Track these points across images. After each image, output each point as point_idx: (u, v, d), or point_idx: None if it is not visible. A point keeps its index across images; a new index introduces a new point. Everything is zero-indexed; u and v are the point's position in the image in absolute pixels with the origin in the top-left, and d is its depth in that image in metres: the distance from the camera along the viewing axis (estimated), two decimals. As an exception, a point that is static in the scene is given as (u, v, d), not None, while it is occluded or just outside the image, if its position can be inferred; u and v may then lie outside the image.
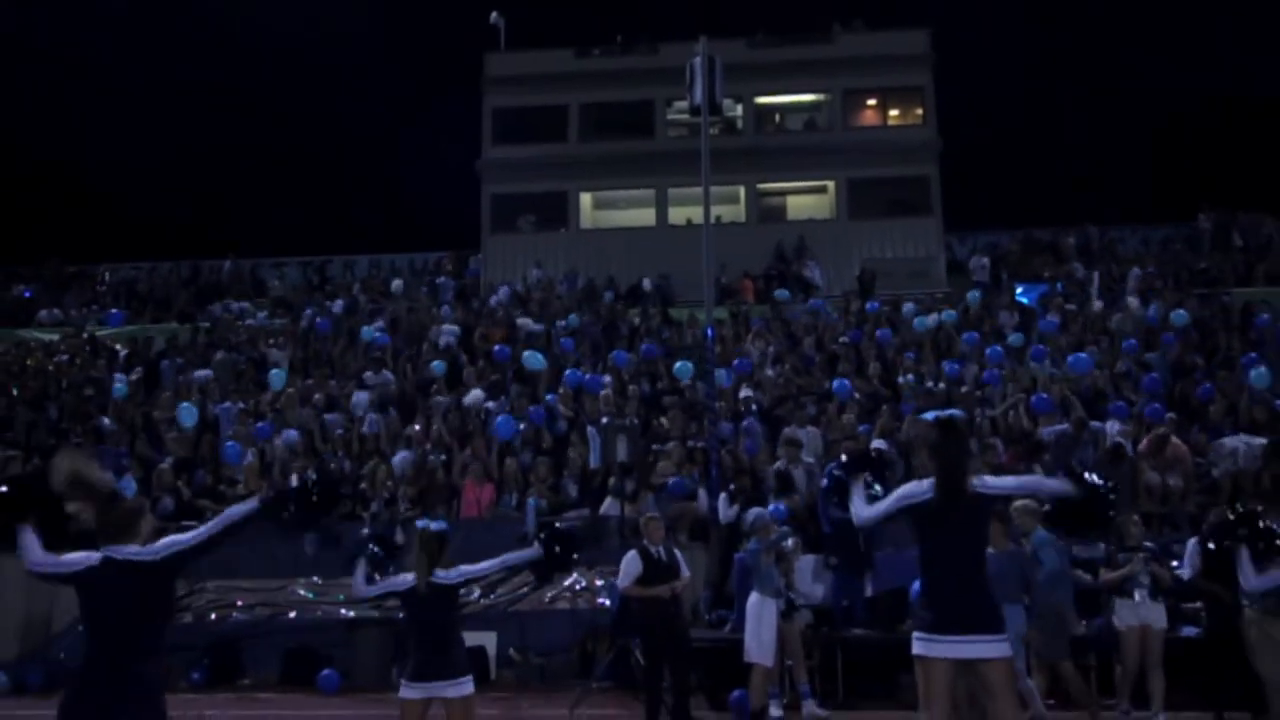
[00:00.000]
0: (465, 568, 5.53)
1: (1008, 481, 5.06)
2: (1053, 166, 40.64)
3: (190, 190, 46.37)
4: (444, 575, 5.37)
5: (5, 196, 41.76)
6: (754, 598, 8.37)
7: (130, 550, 4.06)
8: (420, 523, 5.58)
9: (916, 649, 4.53)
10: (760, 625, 8.25)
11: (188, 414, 13.93)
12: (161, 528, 12.47)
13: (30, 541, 4.15)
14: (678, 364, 14.80)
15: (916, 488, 4.62)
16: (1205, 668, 8.33)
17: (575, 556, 5.96)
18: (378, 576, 5.60)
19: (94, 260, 27.16)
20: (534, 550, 5.74)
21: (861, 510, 4.86)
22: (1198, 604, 9.30)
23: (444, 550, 5.42)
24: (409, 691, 5.24)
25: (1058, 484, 4.80)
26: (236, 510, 4.34)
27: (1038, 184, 37.74)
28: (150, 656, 4.06)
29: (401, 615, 5.77)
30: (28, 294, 24.44)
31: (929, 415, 4.92)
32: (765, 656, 8.22)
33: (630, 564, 8.33)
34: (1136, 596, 8.07)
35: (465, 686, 5.25)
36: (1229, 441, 11.35)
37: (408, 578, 5.39)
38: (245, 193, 45.14)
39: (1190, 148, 38.62)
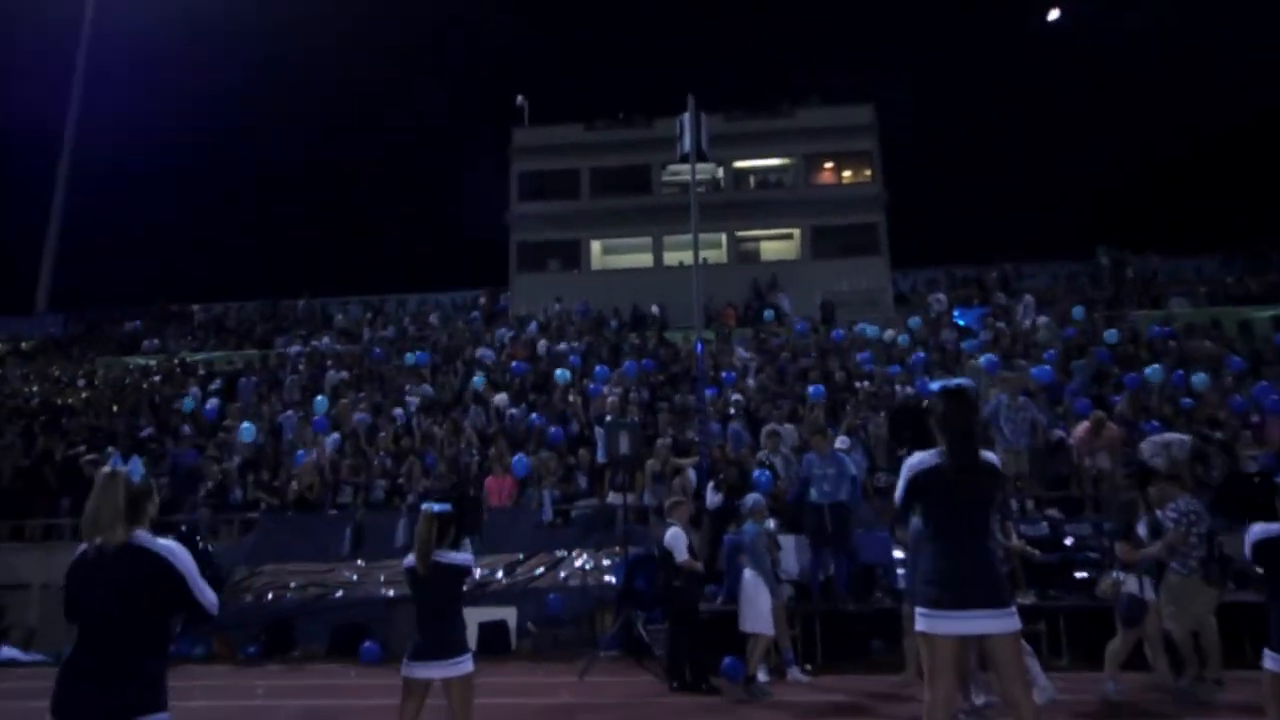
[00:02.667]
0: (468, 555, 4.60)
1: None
2: (979, 213, 40.16)
3: (273, 242, 46.02)
4: (446, 556, 4.48)
5: (120, 250, 41.33)
6: (748, 574, 7.47)
7: (141, 536, 3.08)
8: (424, 505, 4.65)
9: (921, 625, 3.51)
10: (757, 599, 7.35)
11: (247, 432, 13.12)
12: (229, 520, 11.65)
13: None
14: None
15: (923, 456, 3.63)
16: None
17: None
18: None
19: (191, 300, 26.50)
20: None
21: (899, 494, 3.73)
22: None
23: (445, 531, 4.51)
24: (410, 670, 4.33)
25: None
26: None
27: (967, 228, 37.37)
28: (148, 639, 3.05)
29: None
30: (136, 326, 23.74)
31: (935, 385, 3.90)
32: (766, 626, 7.32)
33: (682, 538, 7.54)
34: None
35: (462, 666, 4.33)
36: (1165, 436, 10.40)
37: (410, 558, 4.50)
38: (317, 244, 44.85)
39: (1088, 197, 38.29)
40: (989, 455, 3.63)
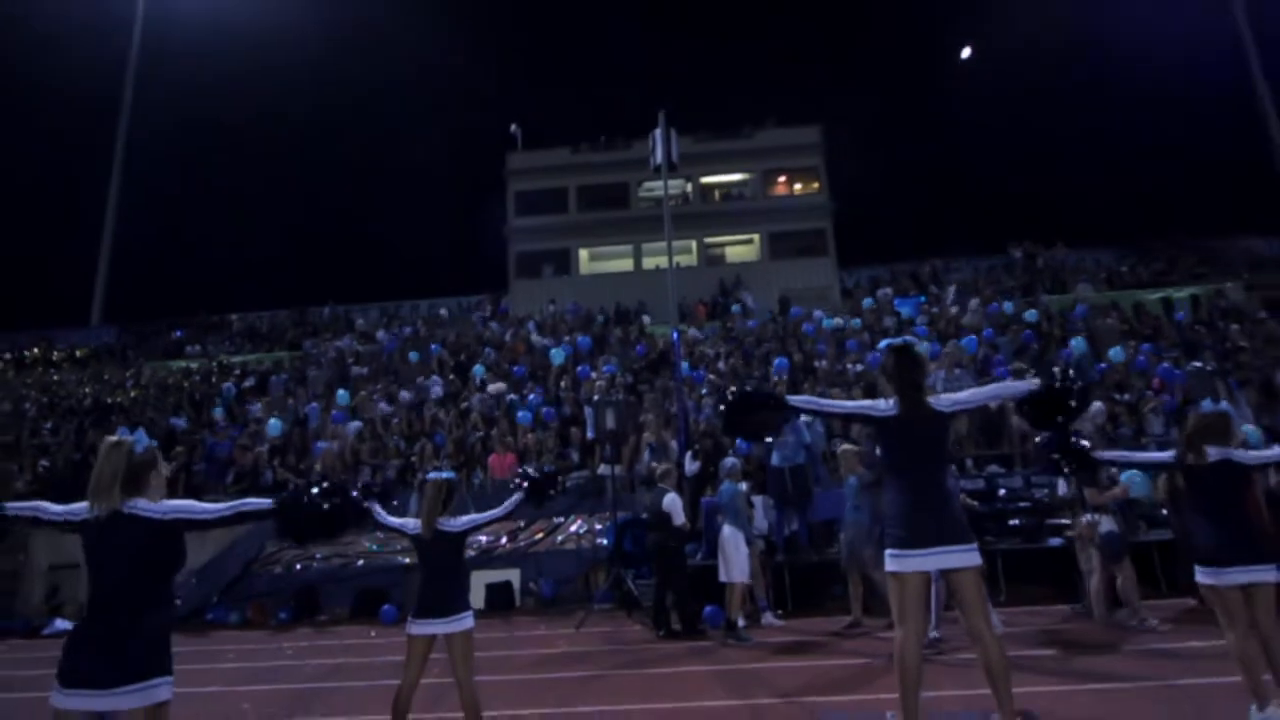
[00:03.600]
0: (472, 515, 4.26)
1: (964, 395, 3.39)
2: (912, 217, 40.38)
3: (301, 257, 45.14)
4: (449, 523, 4.09)
5: (166, 266, 40.31)
6: (727, 529, 7.14)
7: (138, 504, 2.78)
8: (430, 474, 4.25)
9: (890, 565, 3.16)
10: (736, 552, 7.04)
11: (274, 426, 12.53)
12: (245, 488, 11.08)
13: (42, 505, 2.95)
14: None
15: (880, 403, 3.29)
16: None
17: (552, 492, 4.52)
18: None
19: (229, 310, 25.75)
20: (519, 495, 4.48)
21: (823, 402, 3.53)
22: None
23: (450, 499, 4.13)
24: (414, 628, 3.97)
25: (1024, 385, 3.33)
26: (252, 503, 2.95)
27: (901, 230, 37.70)
28: (150, 606, 2.75)
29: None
30: (179, 334, 22.97)
31: (883, 343, 3.58)
32: (743, 574, 7.02)
33: (679, 503, 7.18)
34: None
35: (463, 622, 3.97)
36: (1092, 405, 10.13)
37: (416, 523, 4.11)
38: (341, 257, 44.23)
39: (1004, 201, 38.71)
40: (935, 401, 3.28)
